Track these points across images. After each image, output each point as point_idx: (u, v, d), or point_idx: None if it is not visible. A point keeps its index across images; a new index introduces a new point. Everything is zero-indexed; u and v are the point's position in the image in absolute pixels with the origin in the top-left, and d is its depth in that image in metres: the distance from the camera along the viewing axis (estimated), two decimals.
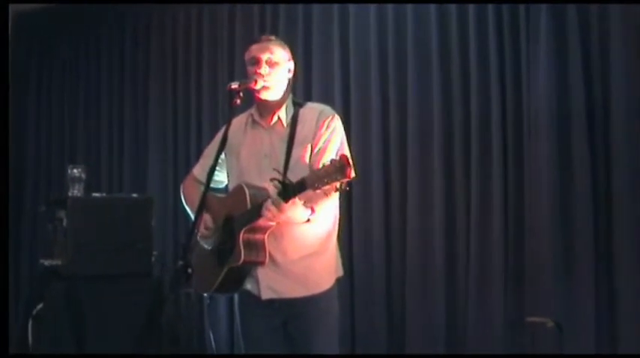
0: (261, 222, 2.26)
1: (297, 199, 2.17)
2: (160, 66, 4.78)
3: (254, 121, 2.48)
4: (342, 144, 2.42)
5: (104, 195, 4.03)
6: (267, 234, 2.33)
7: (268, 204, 2.19)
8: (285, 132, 2.42)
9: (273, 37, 2.50)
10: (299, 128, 2.41)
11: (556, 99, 3.28)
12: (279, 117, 2.44)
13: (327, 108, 2.49)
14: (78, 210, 3.61)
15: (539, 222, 3.31)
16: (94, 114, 5.08)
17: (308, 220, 2.31)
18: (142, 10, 4.84)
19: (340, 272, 2.54)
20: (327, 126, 2.40)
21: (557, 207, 3.27)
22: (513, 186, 3.44)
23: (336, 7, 3.98)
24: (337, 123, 2.43)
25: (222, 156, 2.47)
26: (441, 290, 3.60)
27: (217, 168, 2.45)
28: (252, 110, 2.51)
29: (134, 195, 4.12)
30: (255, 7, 4.29)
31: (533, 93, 3.36)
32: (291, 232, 2.37)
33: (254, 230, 2.30)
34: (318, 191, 2.04)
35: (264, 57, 2.39)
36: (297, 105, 2.47)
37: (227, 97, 2.40)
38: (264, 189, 2.30)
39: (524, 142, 3.40)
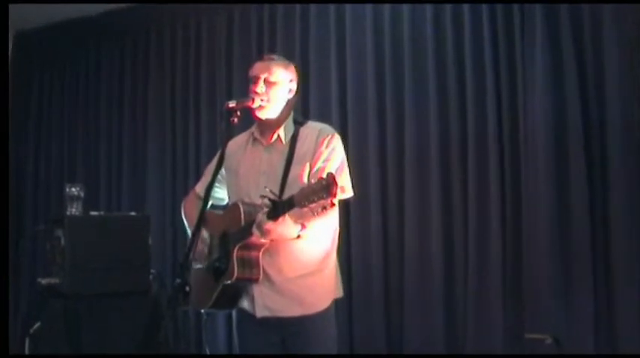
0: (254, 239, 2.30)
1: (287, 216, 2.21)
2: (159, 84, 4.78)
3: (254, 139, 2.52)
4: (341, 163, 2.44)
5: (102, 213, 4.00)
6: (261, 251, 2.36)
7: (257, 221, 2.23)
8: (284, 149, 2.45)
9: (275, 57, 2.55)
10: (298, 146, 2.44)
11: (552, 113, 3.30)
12: (278, 136, 2.47)
13: (327, 127, 2.52)
14: (75, 229, 3.58)
15: (537, 238, 3.31)
16: (93, 132, 5.09)
17: (299, 236, 2.34)
18: (141, 27, 4.89)
19: (339, 294, 2.55)
20: (327, 145, 2.43)
21: (555, 223, 3.28)
22: (511, 202, 3.45)
23: (332, 19, 4.01)
24: (337, 142, 2.46)
25: (223, 172, 2.54)
26: (439, 307, 3.60)
27: (217, 185, 2.53)
28: (253, 128, 2.56)
29: (132, 213, 4.11)
30: (253, 22, 4.31)
31: (529, 110, 3.37)
32: (286, 249, 2.39)
33: (248, 247, 2.33)
34: (305, 209, 2.07)
35: (263, 75, 2.43)
36: (298, 123, 2.51)
37: (225, 116, 2.32)
38: (259, 206, 2.31)
39: (522, 158, 3.42)
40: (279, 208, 2.17)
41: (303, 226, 2.32)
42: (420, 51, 3.73)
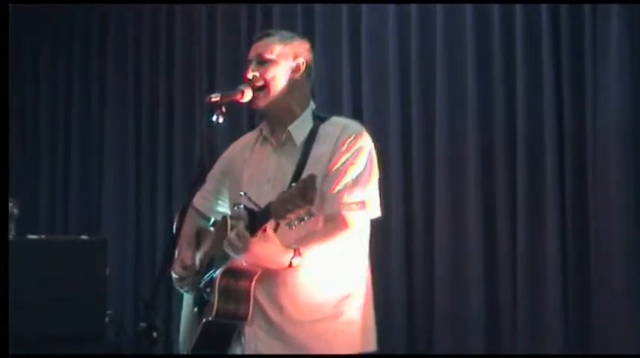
0: (237, 263, 2.17)
1: (269, 232, 2.07)
2: (119, 78, 4.69)
3: (264, 138, 2.42)
4: (366, 170, 2.29)
5: (43, 236, 3.94)
6: (254, 281, 2.19)
7: (230, 236, 2.11)
8: (297, 152, 2.32)
9: (272, 31, 2.47)
10: (315, 147, 2.30)
11: (632, 111, 3.18)
12: (290, 134, 2.34)
13: (353, 124, 2.40)
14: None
15: (610, 264, 3.18)
16: (32, 130, 4.94)
17: (290, 265, 2.17)
18: (96, 13, 4.82)
19: (369, 347, 2.38)
20: (350, 145, 2.29)
21: (633, 243, 3.14)
22: (573, 224, 3.29)
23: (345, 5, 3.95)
24: (364, 143, 2.32)
25: (225, 182, 2.47)
26: (477, 348, 3.46)
27: (220, 198, 2.49)
28: (262, 124, 2.46)
29: (83, 236, 4.01)
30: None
31: (600, 105, 3.26)
32: (291, 280, 2.22)
33: (235, 274, 2.19)
34: (283, 223, 1.99)
35: (256, 54, 2.35)
36: (318, 119, 2.38)
37: (207, 113, 2.31)
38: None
39: (588, 168, 3.28)
40: (256, 219, 2.06)
41: (298, 253, 2.13)
42: (455, 36, 3.63)
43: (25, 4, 4.70)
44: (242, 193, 2.08)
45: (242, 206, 2.07)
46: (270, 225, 2.05)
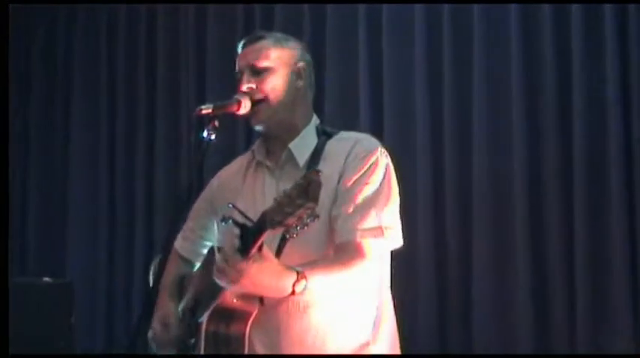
0: (228, 300, 2.13)
1: (265, 252, 1.99)
2: (90, 74, 4.64)
3: (258, 162, 2.39)
4: (384, 188, 2.21)
5: None
6: (249, 324, 2.12)
7: (217, 261, 2.04)
8: (299, 174, 2.19)
9: (265, 34, 2.41)
10: (321, 167, 2.20)
11: None
12: (290, 153, 2.28)
13: (367, 138, 2.35)
14: None
15: None
16: None
17: (293, 292, 2.08)
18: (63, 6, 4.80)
19: None
20: (364, 162, 2.23)
21: None
22: None
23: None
24: (380, 159, 2.26)
25: (212, 218, 2.42)
26: None
27: (206, 236, 2.45)
28: (255, 146, 2.42)
29: (46, 279, 4.02)
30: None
31: None
32: (294, 325, 2.17)
33: (225, 315, 2.15)
34: (279, 229, 1.91)
35: (250, 62, 2.30)
36: (325, 135, 2.34)
37: (196, 127, 2.23)
38: None
39: None
40: (249, 236, 1.98)
41: (303, 277, 2.03)
42: (497, 38, 3.58)
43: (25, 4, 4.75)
44: (230, 205, 1.99)
45: (230, 221, 1.97)
46: (267, 241, 1.97)
